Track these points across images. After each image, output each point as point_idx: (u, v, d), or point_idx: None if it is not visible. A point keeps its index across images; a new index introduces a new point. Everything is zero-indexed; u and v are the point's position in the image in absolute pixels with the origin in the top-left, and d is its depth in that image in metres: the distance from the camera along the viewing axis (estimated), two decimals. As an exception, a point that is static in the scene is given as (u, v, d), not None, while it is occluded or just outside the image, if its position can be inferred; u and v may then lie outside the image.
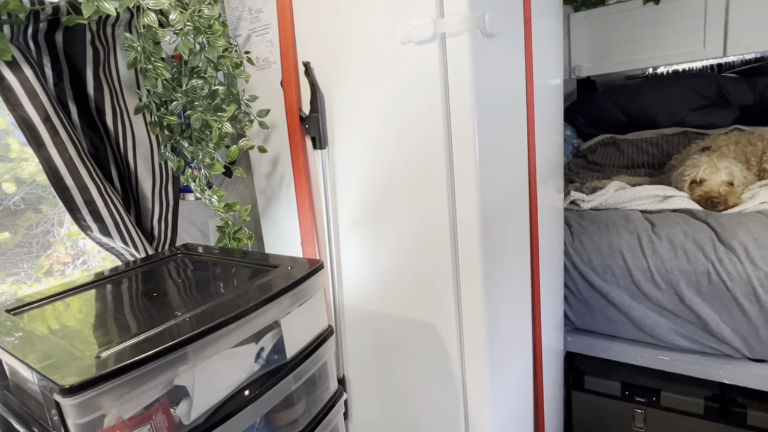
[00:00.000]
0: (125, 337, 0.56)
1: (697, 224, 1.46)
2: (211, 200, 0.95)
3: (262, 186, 1.28)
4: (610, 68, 2.53)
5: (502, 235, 1.05)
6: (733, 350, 1.39)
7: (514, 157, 1.10)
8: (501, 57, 0.99)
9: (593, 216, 1.64)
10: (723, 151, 1.79)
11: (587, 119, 2.71)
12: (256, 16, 1.13)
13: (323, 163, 1.10)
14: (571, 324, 1.68)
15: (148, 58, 0.80)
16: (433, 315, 1.04)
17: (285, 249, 1.26)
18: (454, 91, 0.90)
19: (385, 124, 1.00)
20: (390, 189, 1.03)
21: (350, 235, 1.12)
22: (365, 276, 1.12)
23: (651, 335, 1.50)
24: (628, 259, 1.49)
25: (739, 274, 1.33)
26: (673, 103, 2.43)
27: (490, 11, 0.88)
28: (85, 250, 1.21)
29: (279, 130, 1.17)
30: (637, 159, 2.41)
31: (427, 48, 0.89)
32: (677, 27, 2.28)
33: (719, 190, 1.55)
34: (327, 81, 1.05)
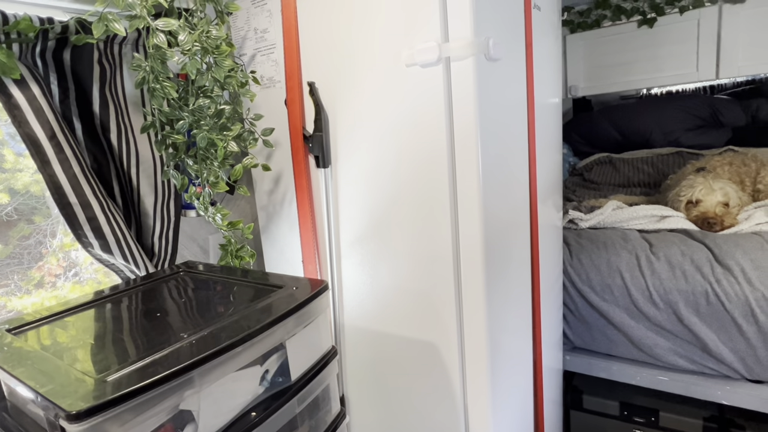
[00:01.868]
0: (130, 360, 0.56)
1: (695, 244, 1.47)
2: (214, 218, 0.95)
3: (263, 203, 1.28)
4: (606, 89, 2.57)
5: (504, 254, 1.05)
6: (732, 371, 1.39)
7: (516, 176, 1.11)
8: (504, 80, 1.00)
9: (591, 235, 1.65)
10: (718, 171, 1.81)
11: (583, 138, 2.75)
12: (262, 36, 1.15)
13: (326, 182, 1.11)
14: (569, 343, 1.68)
15: (156, 78, 0.81)
16: (435, 334, 1.03)
17: (285, 266, 1.26)
18: (458, 114, 0.91)
19: (388, 144, 1.00)
20: (392, 208, 1.03)
21: (351, 253, 1.12)
22: (366, 294, 1.12)
23: (650, 355, 1.50)
24: (626, 278, 1.50)
25: (736, 294, 1.34)
26: (668, 124, 2.47)
27: (494, 36, 0.90)
28: (78, 262, 1.20)
29: (282, 148, 1.17)
30: (632, 178, 2.44)
31: (432, 71, 0.91)
32: (671, 49, 2.33)
33: (715, 211, 1.57)
34: (331, 101, 1.06)
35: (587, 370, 1.65)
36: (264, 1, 1.12)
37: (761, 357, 1.34)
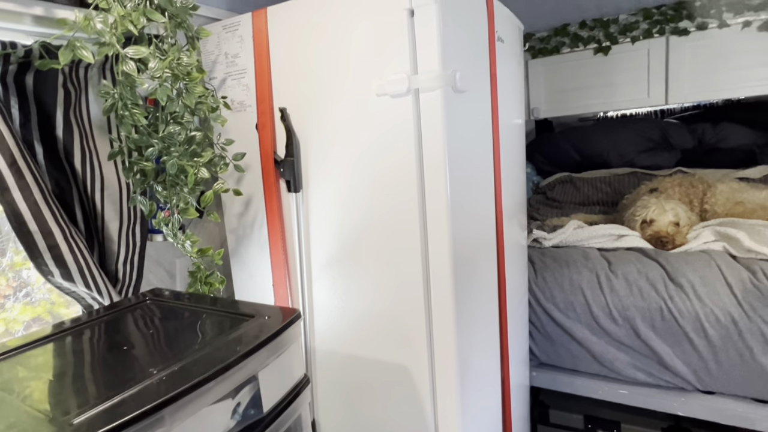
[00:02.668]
0: (98, 399, 0.54)
1: (649, 262, 1.55)
2: (183, 245, 0.94)
3: (233, 226, 1.26)
4: (565, 111, 2.69)
5: (473, 275, 1.08)
6: (686, 383, 1.47)
7: (483, 197, 1.15)
8: (470, 108, 1.05)
9: (554, 254, 1.72)
10: (669, 192, 1.93)
11: (545, 158, 2.86)
12: (233, 60, 1.15)
13: (297, 206, 1.11)
14: (536, 359, 1.72)
15: (125, 105, 0.80)
16: (406, 357, 1.04)
17: (255, 289, 1.24)
18: (427, 141, 0.94)
19: (360, 169, 1.02)
20: (364, 232, 1.05)
21: (323, 277, 1.12)
22: (338, 318, 1.12)
23: (611, 369, 1.56)
24: (588, 295, 1.56)
25: (688, 310, 1.42)
26: (623, 145, 2.61)
27: (461, 69, 0.94)
28: (29, 282, 1.14)
29: (252, 172, 1.17)
30: (592, 196, 2.56)
31: (402, 101, 0.94)
32: (624, 76, 2.48)
33: (667, 230, 1.66)
34: (303, 126, 1.08)
35: (553, 385, 1.69)
36: (235, 27, 1.13)
37: (711, 369, 1.42)
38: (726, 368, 1.40)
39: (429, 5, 0.88)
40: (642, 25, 2.37)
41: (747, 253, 1.47)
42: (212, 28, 1.15)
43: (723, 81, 2.28)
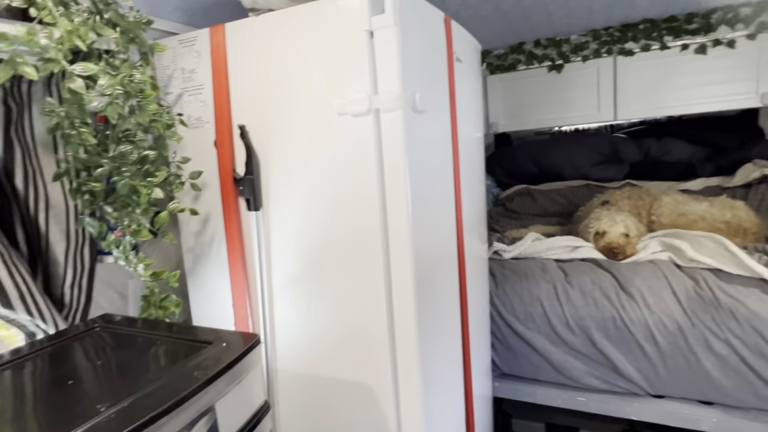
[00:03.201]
0: (38, 442, 0.51)
1: (602, 273, 1.62)
2: (136, 268, 0.90)
3: (190, 245, 1.22)
4: (523, 125, 2.79)
5: (435, 289, 1.10)
6: (638, 388, 1.54)
7: (444, 212, 1.17)
8: (430, 126, 1.07)
9: (514, 266, 1.76)
10: (619, 205, 2.03)
11: (504, 170, 2.94)
12: (189, 76, 1.12)
13: (257, 225, 1.09)
14: (498, 370, 1.75)
15: (71, 124, 0.76)
16: (369, 374, 1.04)
17: (214, 311, 1.21)
18: (388, 160, 0.95)
19: (321, 187, 1.02)
20: (326, 250, 1.04)
21: (284, 296, 1.11)
22: (300, 337, 1.10)
23: (569, 378, 1.61)
24: (546, 306, 1.61)
25: (638, 318, 1.49)
26: (577, 159, 2.73)
27: (420, 89, 0.96)
28: None
29: (211, 189, 1.14)
30: (548, 208, 2.65)
31: (363, 120, 0.94)
32: (577, 93, 2.60)
33: (618, 242, 1.74)
34: (263, 144, 1.06)
35: (515, 395, 1.73)
36: (192, 42, 1.11)
37: (661, 374, 1.49)
38: (674, 373, 1.47)
39: (388, 27, 0.90)
40: (592, 45, 2.49)
41: (690, 263, 1.56)
42: (168, 42, 1.12)
43: (665, 99, 2.43)
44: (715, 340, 1.40)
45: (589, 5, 1.95)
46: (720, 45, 2.26)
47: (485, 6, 1.80)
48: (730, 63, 2.27)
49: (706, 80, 2.34)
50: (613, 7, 2.03)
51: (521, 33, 2.36)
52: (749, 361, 1.37)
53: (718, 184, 2.38)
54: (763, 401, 1.38)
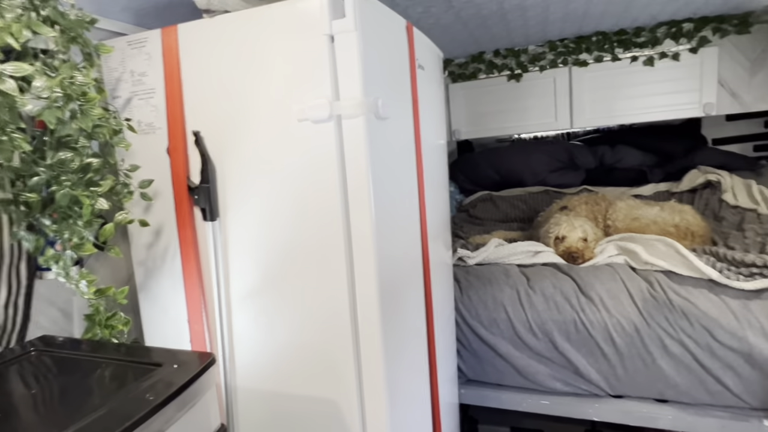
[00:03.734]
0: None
1: (563, 277, 1.66)
2: (78, 285, 0.83)
3: (141, 257, 1.15)
4: (484, 133, 2.84)
5: (400, 297, 1.08)
6: (599, 389, 1.57)
7: (408, 219, 1.16)
8: (393, 134, 1.05)
9: (478, 272, 1.77)
10: (577, 210, 2.09)
11: (467, 177, 2.98)
12: (139, 79, 1.06)
13: (214, 235, 1.04)
14: (464, 376, 1.75)
15: (2, 129, 0.70)
16: (333, 389, 1.01)
17: (168, 327, 1.14)
18: (351, 167, 0.93)
19: (282, 195, 0.98)
20: (287, 260, 1.00)
21: (244, 309, 1.06)
22: (260, 353, 1.06)
23: (533, 382, 1.63)
24: (509, 312, 1.63)
25: (598, 321, 1.53)
26: (535, 165, 2.80)
27: (383, 96, 0.95)
28: None
29: (163, 199, 1.08)
30: (510, 214, 2.70)
31: (324, 127, 0.92)
32: (535, 102, 2.67)
33: (577, 246, 1.79)
34: (219, 151, 1.02)
35: (481, 401, 1.73)
36: (142, 43, 1.05)
37: (620, 375, 1.53)
38: (632, 373, 1.51)
39: (349, 32, 0.88)
40: (548, 55, 2.57)
41: (644, 265, 1.62)
42: (116, 43, 1.06)
43: (617, 108, 2.54)
44: (669, 340, 1.45)
45: (545, 17, 2.01)
46: (666, 58, 2.39)
47: (446, 15, 1.82)
48: (675, 75, 2.40)
49: (654, 91, 2.46)
50: (566, 20, 2.10)
51: (482, 42, 2.40)
52: (700, 359, 1.42)
53: (667, 189, 2.50)
54: (714, 397, 1.45)
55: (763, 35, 2.26)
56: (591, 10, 1.96)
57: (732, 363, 1.40)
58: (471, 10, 1.79)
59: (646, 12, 2.09)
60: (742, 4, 2.06)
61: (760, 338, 1.36)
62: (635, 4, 1.94)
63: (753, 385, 1.39)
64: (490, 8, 1.79)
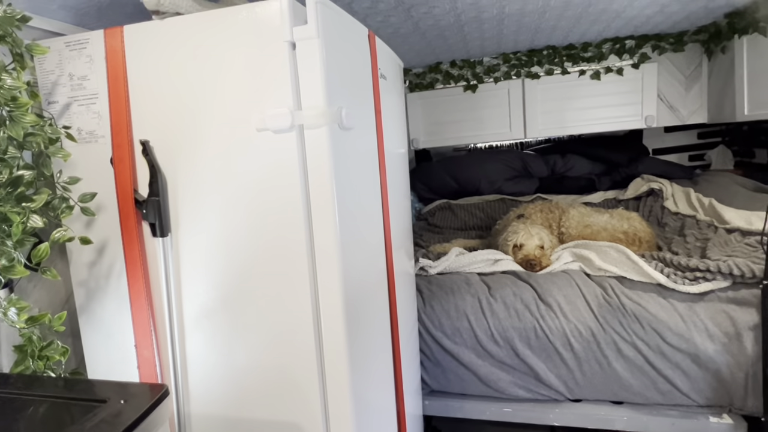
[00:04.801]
0: None
1: (523, 285, 1.68)
2: (6, 313, 0.74)
3: (82, 277, 1.05)
4: (441, 142, 2.88)
5: (366, 311, 1.05)
6: (558, 394, 1.60)
7: (372, 230, 1.13)
8: (357, 144, 1.03)
9: (440, 281, 1.77)
10: (533, 218, 2.14)
11: (426, 185, 3.00)
12: (80, 83, 0.98)
13: (164, 252, 0.96)
14: (427, 387, 1.74)
15: None
16: (297, 412, 0.96)
17: (114, 353, 1.04)
18: (314, 179, 0.89)
19: (240, 209, 0.93)
20: (247, 277, 0.95)
21: (199, 331, 0.99)
22: (218, 377, 0.99)
23: (496, 389, 1.64)
24: (472, 320, 1.63)
25: (557, 327, 1.56)
26: (492, 174, 2.86)
27: (346, 105, 0.92)
28: None
29: (108, 213, 0.99)
30: (468, 222, 2.74)
31: (285, 137, 0.88)
32: (490, 112, 2.74)
33: (535, 254, 1.83)
34: (171, 162, 0.95)
35: (444, 411, 1.72)
36: (83, 45, 0.97)
37: (578, 379, 1.57)
38: (589, 377, 1.56)
39: (311, 39, 0.84)
40: (502, 67, 2.65)
41: (598, 272, 1.68)
42: (52, 44, 0.97)
43: (567, 119, 2.65)
44: (623, 343, 1.50)
45: (500, 30, 2.06)
46: (611, 72, 2.52)
47: (405, 25, 1.82)
48: (619, 88, 2.54)
49: (601, 103, 2.59)
50: (519, 33, 2.16)
51: (439, 53, 2.44)
52: (652, 360, 1.48)
53: (614, 197, 2.62)
54: (665, 397, 1.51)
55: (696, 53, 2.43)
56: (543, 24, 2.03)
57: (680, 363, 1.47)
58: (429, 21, 1.81)
59: (593, 28, 2.20)
60: (677, 23, 2.21)
61: (705, 339, 1.43)
62: (583, 20, 2.03)
63: (699, 383, 1.47)
64: (447, 20, 1.81)
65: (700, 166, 2.85)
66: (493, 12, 1.76)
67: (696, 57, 2.44)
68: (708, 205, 2.04)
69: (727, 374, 1.43)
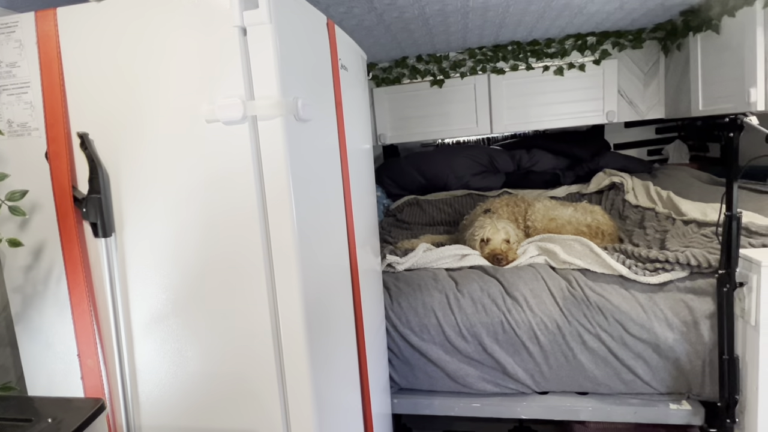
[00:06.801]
0: None
1: (489, 279, 1.68)
2: None
3: (18, 283, 0.97)
4: (409, 137, 2.86)
5: (328, 312, 1.01)
6: (526, 387, 1.61)
7: (334, 226, 1.09)
8: (316, 136, 0.98)
9: (407, 278, 1.75)
10: (499, 212, 2.15)
11: (393, 181, 2.97)
12: (9, 71, 0.89)
13: (108, 254, 0.90)
14: (396, 385, 1.71)
15: None
16: (256, 419, 0.91)
17: (54, 363, 0.97)
18: (269, 173, 0.84)
19: (191, 206, 0.87)
20: (199, 278, 0.89)
21: (148, 338, 0.92)
22: (170, 385, 0.93)
23: (464, 385, 1.63)
24: (440, 317, 1.62)
25: (523, 321, 1.56)
26: (459, 169, 2.86)
27: (303, 96, 0.87)
28: None
29: (44, 213, 0.92)
30: (436, 217, 2.73)
31: (237, 129, 0.83)
32: (457, 107, 2.73)
33: (501, 248, 1.83)
34: (113, 156, 0.88)
35: (413, 409, 1.70)
36: (11, 28, 0.88)
37: (544, 372, 1.58)
38: (555, 369, 1.57)
39: (263, 25, 0.80)
40: (468, 62, 2.65)
41: (563, 265, 1.69)
42: (-26, 26, 0.88)
43: (532, 115, 2.68)
44: (588, 335, 1.52)
45: (465, 24, 2.05)
46: (574, 68, 2.56)
47: (369, 16, 1.78)
48: (582, 84, 2.58)
49: (564, 99, 2.62)
50: (485, 28, 2.16)
51: (405, 47, 2.41)
52: (615, 351, 1.51)
53: (578, 191, 2.67)
54: (627, 386, 1.54)
55: (653, 50, 2.50)
56: (507, 20, 2.03)
57: (642, 353, 1.49)
58: (393, 13, 1.77)
59: (556, 24, 2.22)
60: (636, 21, 2.26)
61: (665, 329, 1.47)
62: (546, 15, 2.04)
63: (660, 372, 1.50)
64: (412, 12, 1.78)
65: (658, 160, 2.95)
66: (457, 5, 1.74)
67: (654, 54, 2.51)
68: (666, 198, 2.09)
69: (686, 362, 1.47)
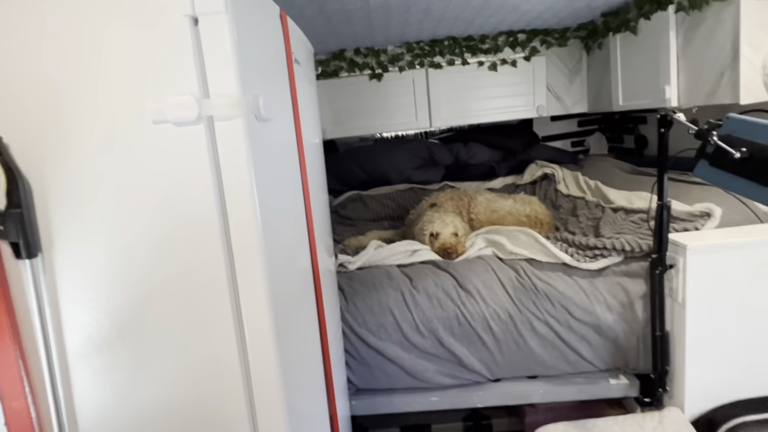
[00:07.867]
0: None
1: (442, 274, 1.70)
2: None
3: None
4: (348, 132, 2.80)
5: (295, 321, 0.95)
6: (481, 377, 1.65)
7: (297, 230, 1.04)
8: (276, 136, 0.92)
9: (361, 277, 1.72)
10: (445, 206, 2.18)
11: (334, 177, 2.90)
12: None
13: (34, 277, 0.77)
14: (353, 387, 1.68)
15: None
16: (222, 445, 0.83)
17: (-34, 410, 0.81)
18: (229, 179, 0.77)
19: (139, 220, 0.77)
20: (150, 301, 0.79)
21: (87, 369, 0.81)
22: (116, 420, 0.82)
23: (422, 380, 1.64)
24: (396, 314, 1.61)
25: (477, 313, 1.60)
26: (399, 163, 2.87)
27: (263, 93, 0.80)
28: None
29: (-56, 232, 0.76)
30: (380, 212, 2.72)
31: (191, 130, 0.74)
32: (396, 101, 2.72)
33: (450, 241, 1.85)
34: (37, 164, 0.75)
35: (372, 409, 1.69)
36: None
37: (498, 360, 1.63)
38: (507, 356, 1.63)
39: (218, 14, 0.71)
40: (406, 56, 2.64)
41: (510, 255, 1.75)
42: None
43: (468, 109, 2.74)
44: (537, 321, 1.59)
45: (406, 18, 2.04)
46: (506, 64, 2.65)
47: (310, 7, 1.70)
48: (514, 80, 2.68)
49: (498, 93, 2.72)
50: (424, 22, 2.16)
51: (343, 40, 2.35)
52: (562, 334, 1.59)
53: (513, 182, 2.79)
54: (573, 366, 1.64)
55: (577, 48, 2.66)
56: (447, 14, 2.05)
57: (585, 335, 1.59)
58: (336, 5, 1.71)
59: (490, 22, 2.28)
60: (562, 20, 2.39)
61: (605, 310, 1.57)
62: (482, 13, 2.09)
63: (601, 350, 1.61)
64: (355, 4, 1.73)
65: (581, 151, 3.16)
66: (401, -2, 1.72)
67: (577, 52, 2.67)
68: (594, 187, 2.25)
69: (623, 340, 1.59)
